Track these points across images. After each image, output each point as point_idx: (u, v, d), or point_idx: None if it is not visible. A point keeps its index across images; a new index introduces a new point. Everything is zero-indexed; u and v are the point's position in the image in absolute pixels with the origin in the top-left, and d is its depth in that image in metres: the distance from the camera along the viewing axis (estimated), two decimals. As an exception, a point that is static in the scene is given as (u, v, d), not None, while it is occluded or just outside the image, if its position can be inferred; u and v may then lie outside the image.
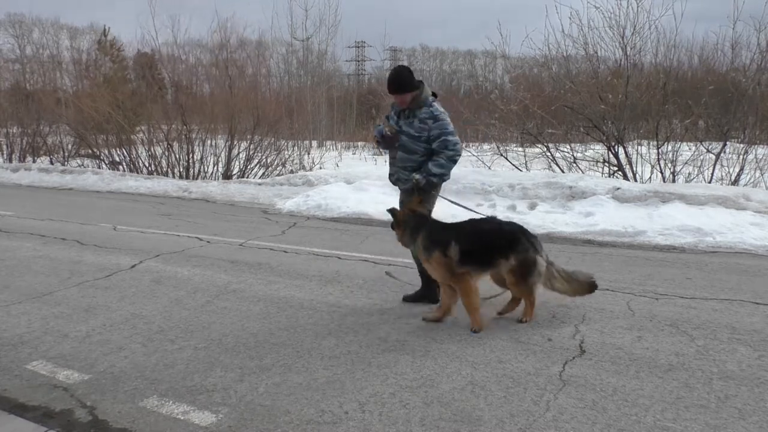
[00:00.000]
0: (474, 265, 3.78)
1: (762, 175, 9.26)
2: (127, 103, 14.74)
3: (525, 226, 4.06)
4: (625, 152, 10.11)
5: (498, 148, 11.75)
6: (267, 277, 5.11)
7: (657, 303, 4.25)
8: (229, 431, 2.58)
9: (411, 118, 4.17)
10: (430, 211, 4.21)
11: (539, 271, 3.75)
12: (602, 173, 10.42)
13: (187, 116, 13.67)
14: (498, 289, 4.10)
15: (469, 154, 13.22)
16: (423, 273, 4.23)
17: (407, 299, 4.42)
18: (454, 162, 4.19)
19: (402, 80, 4.13)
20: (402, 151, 4.23)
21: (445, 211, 4.58)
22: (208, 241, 6.64)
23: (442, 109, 4.18)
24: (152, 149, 14.19)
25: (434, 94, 4.23)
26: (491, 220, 4.05)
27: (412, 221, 3.98)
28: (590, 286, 3.95)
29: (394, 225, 4.04)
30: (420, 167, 4.16)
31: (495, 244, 3.79)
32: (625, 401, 2.78)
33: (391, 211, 4.09)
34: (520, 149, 11.52)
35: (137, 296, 4.56)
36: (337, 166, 16.89)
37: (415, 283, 4.47)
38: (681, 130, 10.05)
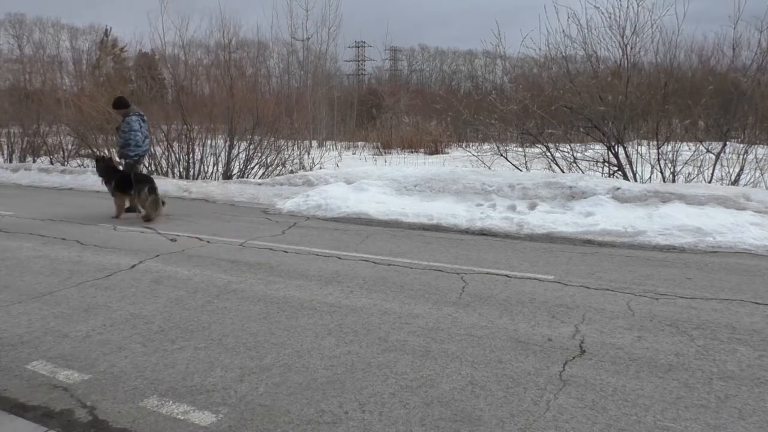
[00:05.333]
0: (120, 192, 8.38)
1: (762, 175, 9.25)
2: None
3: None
4: (625, 152, 10.11)
5: (498, 148, 11.74)
6: (267, 277, 5.11)
7: (657, 303, 4.25)
8: (229, 431, 2.58)
9: (122, 122, 8.55)
10: (136, 171, 8.55)
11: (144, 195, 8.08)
12: (602, 173, 10.41)
13: (187, 116, 13.67)
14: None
15: (469, 154, 13.24)
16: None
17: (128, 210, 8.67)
18: (127, 146, 8.44)
19: (114, 104, 8.87)
20: (118, 139, 8.78)
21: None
22: (208, 241, 6.64)
23: (133, 120, 8.43)
24: (152, 149, 14.17)
25: (140, 114, 8.68)
26: (129, 172, 8.38)
27: (106, 168, 8.56)
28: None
29: (97, 168, 8.70)
30: (123, 147, 8.51)
31: (128, 182, 8.22)
32: (625, 401, 2.78)
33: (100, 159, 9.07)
34: (520, 149, 11.51)
35: (137, 296, 4.56)
36: (337, 166, 16.86)
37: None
38: (681, 130, 10.04)
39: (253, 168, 13.94)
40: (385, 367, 3.20)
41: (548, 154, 10.90)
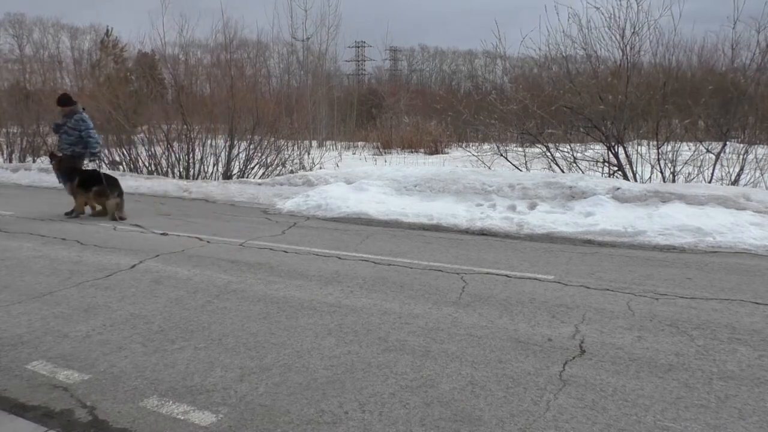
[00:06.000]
0: (82, 189, 8.29)
1: (762, 175, 9.25)
2: (128, 102, 14.73)
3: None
4: (625, 152, 10.11)
5: (498, 148, 11.75)
6: (267, 277, 5.11)
7: (657, 303, 4.25)
8: (229, 431, 2.58)
9: (70, 120, 8.39)
10: (90, 169, 8.44)
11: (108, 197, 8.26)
12: (602, 173, 10.41)
13: (187, 116, 13.67)
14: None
15: (469, 154, 13.24)
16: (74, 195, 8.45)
17: (68, 214, 8.50)
18: (86, 144, 8.39)
19: (60, 101, 8.60)
20: (65, 137, 8.48)
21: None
22: (208, 241, 6.64)
23: (86, 117, 8.52)
24: (152, 149, 14.19)
25: (83, 108, 8.76)
26: (95, 171, 8.37)
27: (67, 167, 8.42)
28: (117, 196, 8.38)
29: (54, 163, 8.76)
30: (75, 145, 8.40)
31: (91, 181, 8.26)
32: (625, 401, 2.78)
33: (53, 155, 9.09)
34: (520, 149, 11.51)
35: (137, 296, 4.56)
36: (337, 166, 16.86)
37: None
38: (681, 130, 10.04)
39: (253, 168, 13.93)
40: (385, 367, 3.20)
41: (548, 154, 10.90)
